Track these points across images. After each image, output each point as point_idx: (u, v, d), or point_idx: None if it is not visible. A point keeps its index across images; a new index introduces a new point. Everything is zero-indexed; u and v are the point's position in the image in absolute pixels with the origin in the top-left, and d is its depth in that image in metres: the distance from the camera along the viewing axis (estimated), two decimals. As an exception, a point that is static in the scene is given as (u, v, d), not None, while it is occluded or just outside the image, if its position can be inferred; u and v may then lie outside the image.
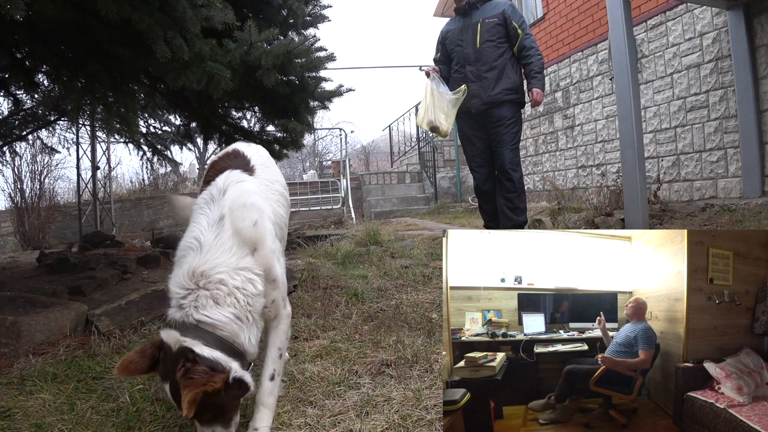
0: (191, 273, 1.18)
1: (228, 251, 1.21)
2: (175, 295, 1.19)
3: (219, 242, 1.22)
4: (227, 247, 1.22)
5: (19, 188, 8.49)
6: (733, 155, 4.84)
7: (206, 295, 1.17)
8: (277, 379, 1.34)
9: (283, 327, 1.38)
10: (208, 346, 1.12)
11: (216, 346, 1.13)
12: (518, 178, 3.55)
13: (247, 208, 1.29)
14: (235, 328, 1.18)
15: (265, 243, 1.28)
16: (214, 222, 1.25)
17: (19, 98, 3.82)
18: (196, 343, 1.11)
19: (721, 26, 4.81)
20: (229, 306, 1.17)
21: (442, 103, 3.52)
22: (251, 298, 1.21)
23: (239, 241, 1.23)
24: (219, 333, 1.16)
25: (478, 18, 3.54)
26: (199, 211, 1.31)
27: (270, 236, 1.31)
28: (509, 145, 3.52)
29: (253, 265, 1.23)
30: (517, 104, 3.59)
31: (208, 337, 1.14)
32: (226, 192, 1.32)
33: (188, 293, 1.17)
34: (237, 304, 1.18)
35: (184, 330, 1.14)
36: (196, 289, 1.17)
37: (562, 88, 7.35)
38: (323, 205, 10.07)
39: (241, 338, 1.19)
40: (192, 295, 1.17)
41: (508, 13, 3.50)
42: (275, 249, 1.33)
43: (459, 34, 3.62)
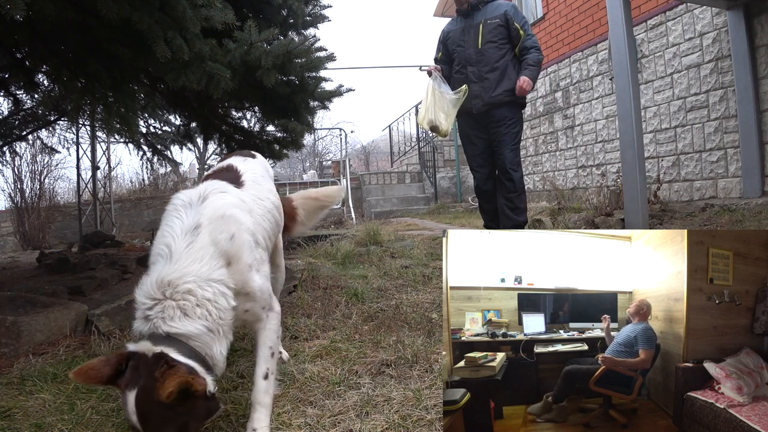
0: (159, 282, 1.13)
1: (199, 261, 1.16)
2: (141, 306, 1.14)
3: (191, 251, 1.17)
4: (198, 256, 1.17)
5: (19, 188, 8.50)
6: (733, 155, 4.84)
7: (173, 306, 1.11)
8: (272, 378, 1.32)
9: (272, 326, 1.35)
10: (184, 356, 1.08)
11: (191, 356, 1.09)
12: (519, 178, 3.56)
13: (225, 219, 1.25)
14: (208, 340, 1.13)
15: (241, 257, 1.24)
16: (189, 229, 1.20)
17: (19, 98, 3.82)
18: (170, 351, 1.07)
19: (721, 26, 4.81)
20: (200, 318, 1.13)
21: (443, 102, 3.52)
22: (222, 311, 1.17)
23: (214, 252, 1.19)
24: (192, 344, 1.11)
25: (480, 19, 3.55)
26: (174, 214, 1.25)
27: (247, 250, 1.27)
28: (510, 145, 3.53)
29: (226, 279, 1.19)
30: (518, 105, 3.60)
31: (182, 347, 1.09)
32: (206, 200, 1.27)
33: (155, 303, 1.12)
34: (209, 317, 1.14)
35: (155, 341, 1.09)
36: (163, 299, 1.12)
37: (562, 88, 7.35)
38: (323, 205, 10.05)
39: (214, 350, 1.15)
40: (159, 305, 1.11)
41: (510, 14, 3.50)
42: (252, 263, 1.29)
43: (461, 35, 3.62)
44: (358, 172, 13.42)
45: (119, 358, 1.07)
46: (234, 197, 1.38)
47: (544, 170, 7.94)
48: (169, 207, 1.30)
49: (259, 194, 1.52)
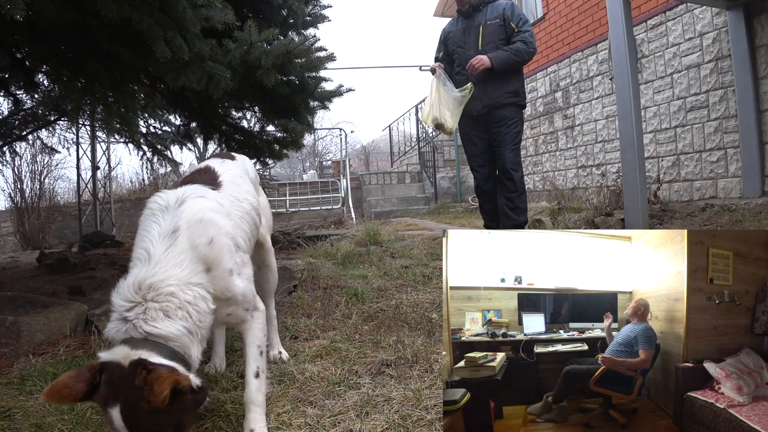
0: (138, 285, 1.11)
1: (179, 265, 1.16)
2: (119, 308, 1.11)
3: (170, 255, 1.16)
4: (179, 260, 1.16)
5: (19, 188, 8.50)
6: (733, 155, 4.84)
7: (155, 308, 1.10)
8: (263, 376, 1.33)
9: (258, 325, 1.36)
10: (165, 358, 1.06)
11: (171, 358, 1.07)
12: (519, 178, 3.55)
13: (203, 223, 1.24)
14: (187, 342, 1.12)
15: (221, 262, 1.23)
16: (167, 233, 1.19)
17: (19, 98, 3.82)
18: (151, 354, 1.04)
19: (721, 26, 4.81)
20: (181, 319, 1.12)
21: (448, 100, 3.51)
22: (202, 315, 1.17)
23: (193, 257, 1.19)
24: (172, 345, 1.10)
25: (481, 20, 3.53)
26: (152, 219, 1.24)
27: (227, 254, 1.27)
28: (510, 145, 3.52)
29: (206, 283, 1.19)
30: (519, 106, 3.59)
31: (161, 349, 1.07)
32: (183, 203, 1.26)
33: (134, 306, 1.10)
34: (189, 319, 1.13)
35: (133, 345, 1.05)
36: (143, 302, 1.10)
37: (562, 88, 7.35)
38: (323, 205, 10.08)
39: (191, 351, 1.14)
40: (139, 307, 1.10)
41: (507, 13, 3.49)
42: (233, 267, 1.28)
43: (461, 36, 3.61)
44: (358, 172, 13.42)
45: (92, 371, 1.02)
46: (212, 201, 1.36)
47: (544, 170, 7.94)
48: (146, 211, 1.28)
49: (237, 195, 1.51)
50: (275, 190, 9.84)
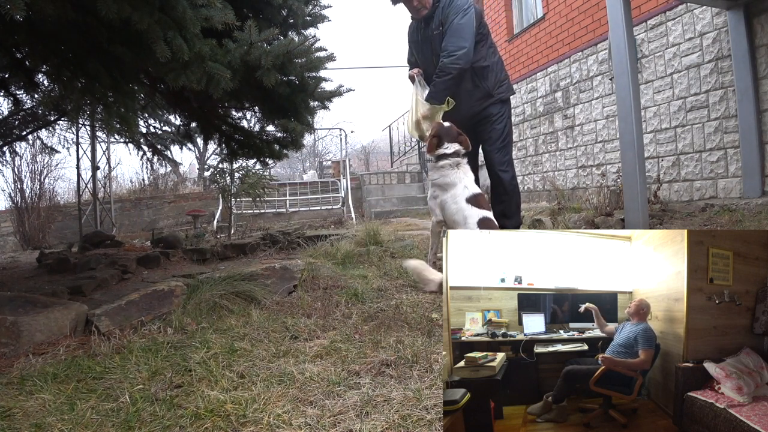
0: None
1: None
2: None
3: None
4: None
5: (19, 188, 8.51)
6: (733, 155, 4.84)
7: None
8: None
9: None
10: None
11: None
12: (509, 180, 3.26)
13: None
14: None
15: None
16: None
17: (19, 98, 3.82)
18: None
19: (721, 26, 4.81)
20: None
21: (426, 111, 3.21)
22: None
23: None
24: None
25: (432, 30, 3.17)
26: None
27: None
28: (497, 143, 3.25)
29: None
30: (501, 101, 3.30)
31: None
32: None
33: None
34: None
35: None
36: None
37: (562, 88, 7.35)
38: (323, 205, 10.08)
39: None
40: None
41: (440, 15, 3.09)
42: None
43: (420, 47, 3.30)
44: (358, 172, 13.42)
45: None
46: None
47: (544, 170, 7.94)
48: None
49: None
50: (275, 190, 9.85)
